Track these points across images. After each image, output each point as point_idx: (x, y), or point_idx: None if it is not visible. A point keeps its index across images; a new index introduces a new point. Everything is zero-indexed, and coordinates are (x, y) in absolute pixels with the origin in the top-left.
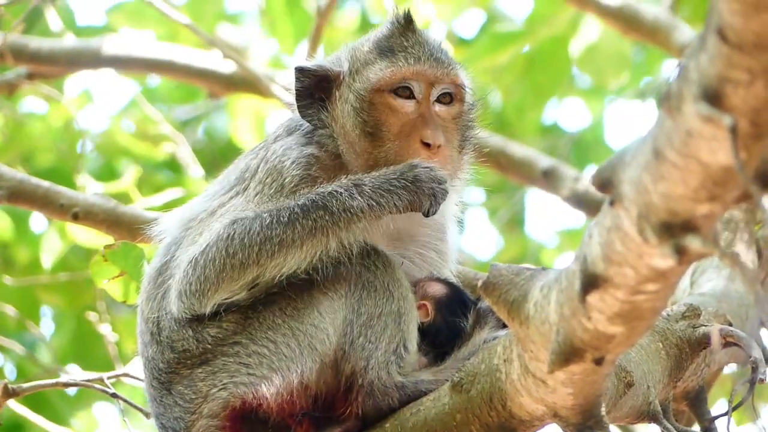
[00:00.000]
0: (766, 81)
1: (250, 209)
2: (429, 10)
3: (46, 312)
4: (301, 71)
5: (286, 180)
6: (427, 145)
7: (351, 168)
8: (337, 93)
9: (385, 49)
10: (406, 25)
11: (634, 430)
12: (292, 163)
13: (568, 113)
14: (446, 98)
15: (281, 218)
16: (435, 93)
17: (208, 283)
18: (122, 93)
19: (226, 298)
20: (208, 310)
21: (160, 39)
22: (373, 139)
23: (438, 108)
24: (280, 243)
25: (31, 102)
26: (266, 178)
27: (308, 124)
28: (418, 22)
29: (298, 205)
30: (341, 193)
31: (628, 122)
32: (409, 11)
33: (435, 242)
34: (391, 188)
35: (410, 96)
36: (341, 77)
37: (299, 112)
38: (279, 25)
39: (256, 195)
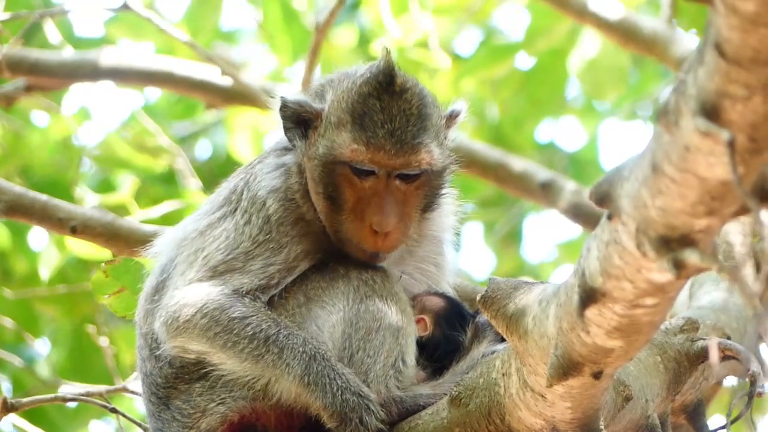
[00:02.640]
0: (763, 96)
1: (246, 268)
2: (428, 25)
3: (45, 325)
4: (284, 103)
5: (270, 212)
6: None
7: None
8: (314, 134)
9: (357, 117)
10: (385, 86)
11: None
12: (267, 194)
13: (563, 132)
14: (408, 176)
15: (247, 327)
16: (396, 172)
17: (175, 325)
18: (121, 106)
19: (179, 350)
20: (169, 347)
21: (158, 52)
22: (332, 203)
23: (398, 183)
24: (233, 344)
25: (30, 114)
26: (251, 207)
27: (291, 145)
28: (400, 81)
29: (268, 330)
30: (298, 352)
31: (622, 142)
32: (392, 70)
33: (434, 256)
34: (325, 386)
35: (371, 172)
36: (319, 119)
37: (284, 133)
38: (277, 41)
39: (245, 224)
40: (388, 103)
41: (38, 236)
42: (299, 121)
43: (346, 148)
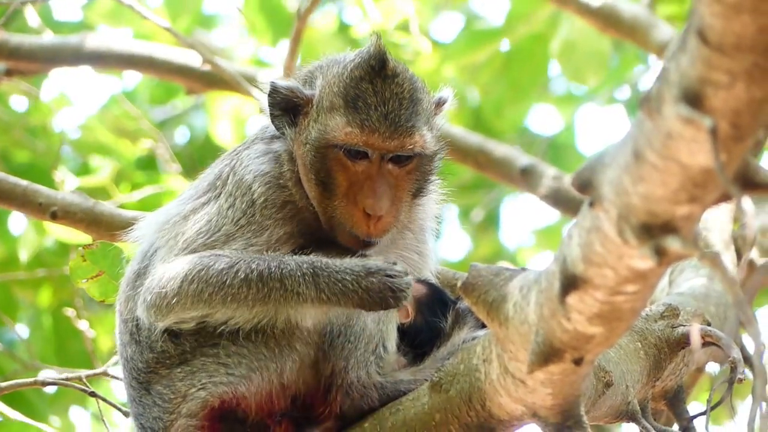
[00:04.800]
0: (746, 83)
1: (226, 243)
2: (407, 9)
3: (24, 309)
4: (274, 89)
5: (255, 196)
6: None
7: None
8: (304, 120)
9: (350, 100)
10: (378, 70)
11: (609, 430)
12: (254, 179)
13: (541, 118)
14: (401, 159)
15: (238, 273)
16: (389, 155)
17: (164, 302)
18: (101, 90)
19: (175, 322)
20: (161, 326)
21: (137, 37)
22: (324, 189)
23: (391, 166)
24: (233, 296)
25: (10, 99)
26: (236, 191)
27: (279, 133)
28: (392, 65)
29: (258, 267)
30: (298, 276)
31: (600, 127)
32: (384, 55)
33: (416, 244)
34: (345, 290)
35: (364, 155)
36: (310, 105)
37: (272, 121)
38: (258, 26)
39: (228, 207)
40: (381, 86)
41: (17, 220)
42: (288, 107)
43: (340, 131)
